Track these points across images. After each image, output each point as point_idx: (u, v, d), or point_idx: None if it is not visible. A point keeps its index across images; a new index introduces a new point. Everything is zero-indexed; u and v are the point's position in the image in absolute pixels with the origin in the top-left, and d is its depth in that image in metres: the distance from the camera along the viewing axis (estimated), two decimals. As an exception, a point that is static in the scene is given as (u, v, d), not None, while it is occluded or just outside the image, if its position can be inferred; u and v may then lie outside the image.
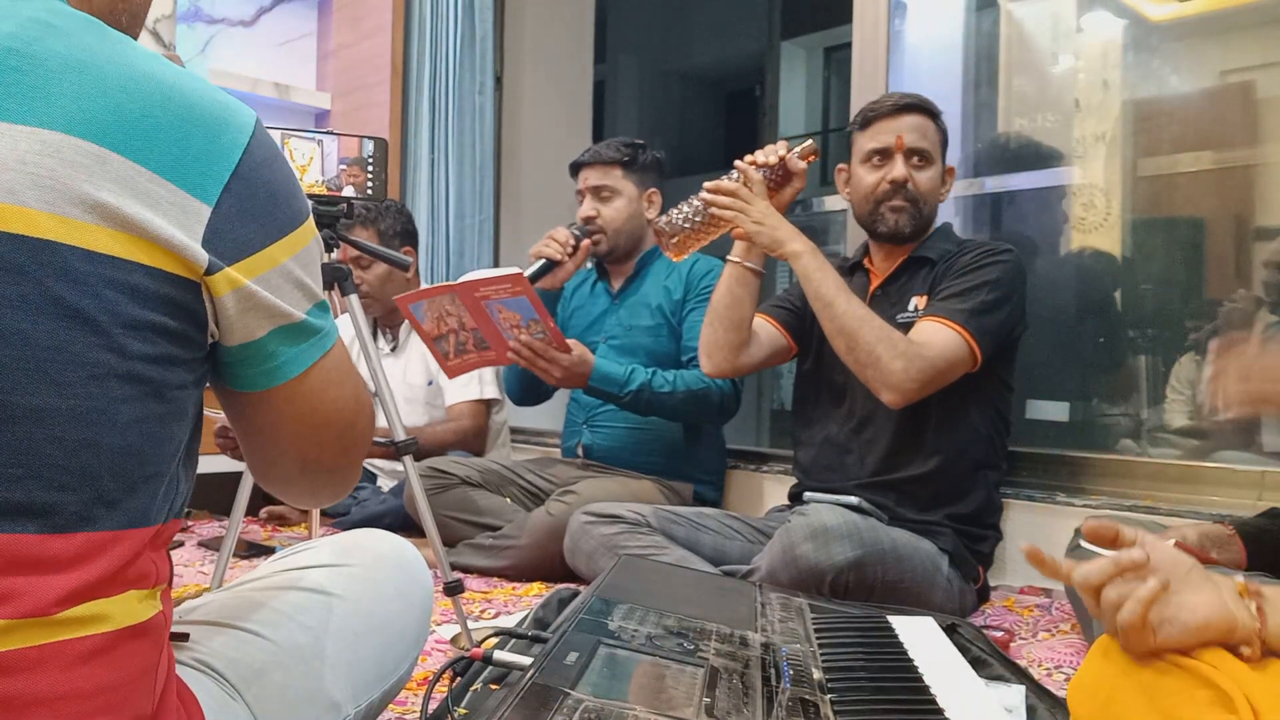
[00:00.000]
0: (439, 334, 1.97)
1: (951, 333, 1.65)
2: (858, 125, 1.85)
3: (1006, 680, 1.12)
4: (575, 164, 2.37)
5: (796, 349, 1.96)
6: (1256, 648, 0.76)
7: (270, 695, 0.77)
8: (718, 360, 1.87)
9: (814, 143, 1.77)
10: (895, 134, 1.78)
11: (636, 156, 2.32)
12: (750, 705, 0.85)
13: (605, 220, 2.30)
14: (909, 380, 1.61)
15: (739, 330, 1.84)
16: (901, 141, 1.78)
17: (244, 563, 2.11)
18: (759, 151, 1.74)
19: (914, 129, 1.79)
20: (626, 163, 2.31)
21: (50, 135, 0.57)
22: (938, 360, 1.63)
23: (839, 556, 1.55)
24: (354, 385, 0.76)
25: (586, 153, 2.36)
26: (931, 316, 1.68)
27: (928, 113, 1.81)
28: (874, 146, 1.81)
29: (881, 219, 1.81)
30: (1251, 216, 1.98)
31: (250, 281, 0.64)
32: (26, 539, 0.56)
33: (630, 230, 2.33)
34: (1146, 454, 2.04)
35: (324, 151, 1.59)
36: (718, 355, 1.87)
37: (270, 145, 0.68)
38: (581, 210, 2.33)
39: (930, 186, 1.81)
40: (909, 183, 1.78)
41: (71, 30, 0.61)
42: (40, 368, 0.56)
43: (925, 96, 1.84)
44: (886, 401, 1.65)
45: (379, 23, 3.21)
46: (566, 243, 2.13)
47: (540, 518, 2.08)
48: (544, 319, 1.93)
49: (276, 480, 0.79)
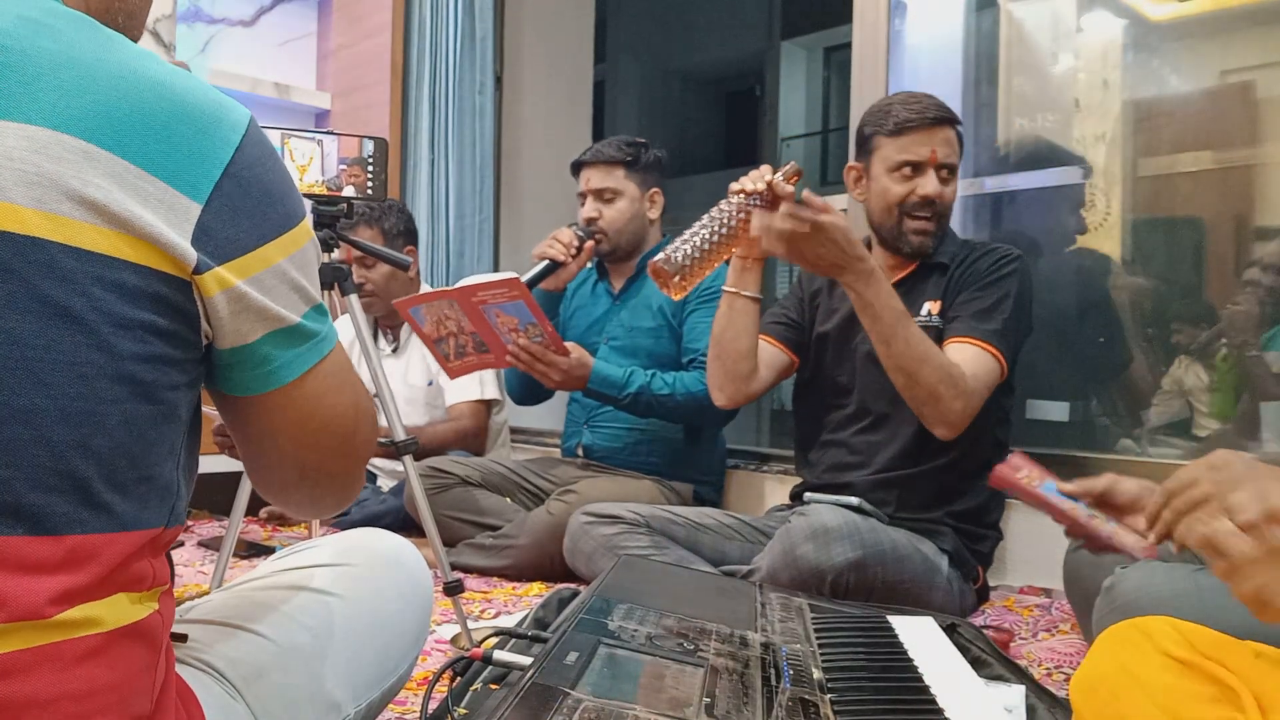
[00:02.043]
0: (439, 336, 1.97)
1: (989, 357, 1.66)
2: (887, 131, 1.77)
3: (1006, 680, 1.12)
4: (577, 163, 2.36)
5: (799, 362, 1.95)
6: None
7: (270, 695, 0.77)
8: (730, 393, 1.86)
9: (796, 163, 1.70)
10: (929, 147, 1.74)
11: (639, 156, 2.32)
12: (750, 705, 0.85)
13: (608, 222, 2.29)
14: (965, 418, 1.61)
15: (745, 360, 1.83)
16: (935, 156, 1.75)
17: (244, 563, 2.11)
18: (744, 180, 1.65)
19: (946, 143, 1.75)
20: (629, 163, 2.30)
21: (38, 132, 0.56)
22: (984, 390, 1.64)
23: (839, 557, 1.55)
24: (354, 392, 0.74)
25: (588, 152, 2.35)
26: (966, 339, 1.67)
27: (955, 124, 1.79)
28: (906, 159, 1.76)
29: (905, 239, 1.78)
30: (1251, 216, 1.98)
31: (241, 282, 0.63)
32: (15, 541, 0.55)
33: (633, 231, 2.32)
34: (1146, 454, 2.04)
35: (324, 151, 1.59)
36: (729, 388, 1.85)
37: (264, 144, 0.67)
38: (584, 211, 2.32)
39: (953, 200, 1.80)
40: (941, 195, 1.76)
41: (63, 28, 0.60)
42: (27, 367, 0.56)
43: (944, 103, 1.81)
44: (940, 435, 1.64)
45: (379, 23, 3.21)
46: (570, 244, 2.13)
47: (540, 518, 2.08)
48: (542, 323, 1.93)
49: (275, 489, 0.77)
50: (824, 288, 1.93)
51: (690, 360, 2.23)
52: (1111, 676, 0.87)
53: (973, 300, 1.71)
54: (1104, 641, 0.96)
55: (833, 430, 1.88)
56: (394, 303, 1.99)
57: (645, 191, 2.33)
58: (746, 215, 1.65)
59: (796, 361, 1.94)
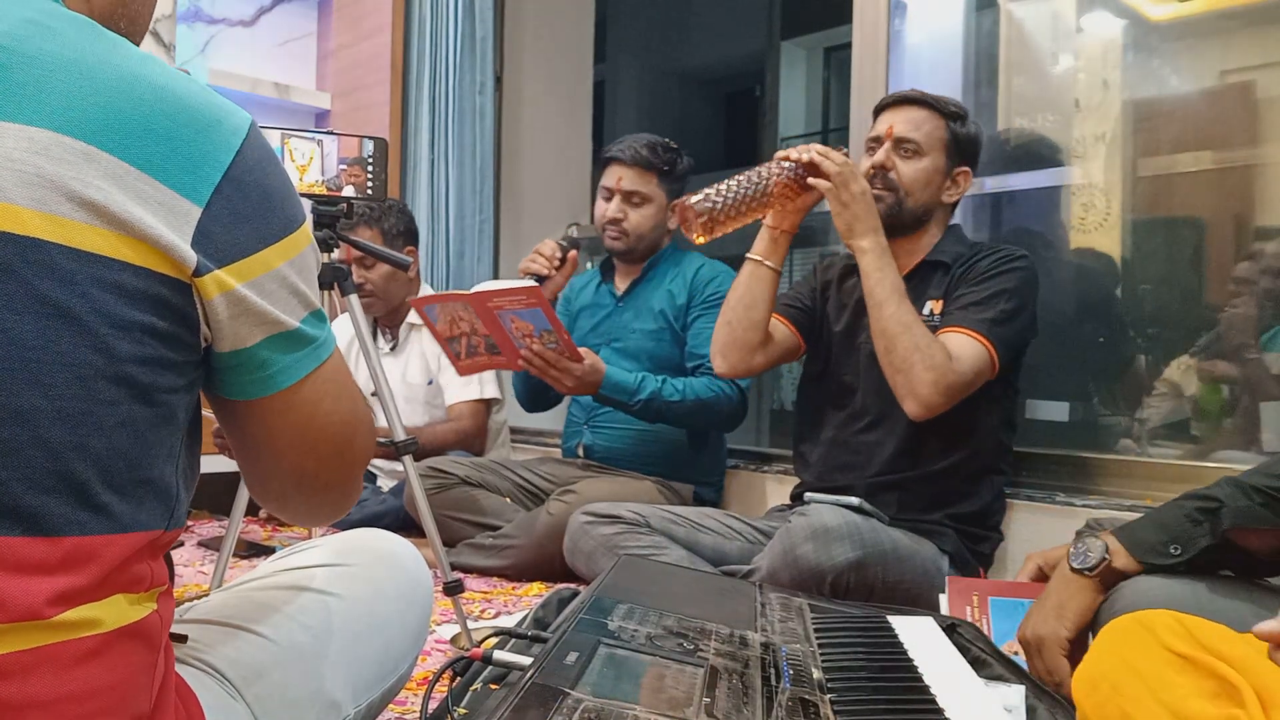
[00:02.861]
0: (452, 335, 1.97)
1: (977, 344, 1.65)
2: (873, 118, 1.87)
3: (1006, 680, 1.12)
4: (609, 157, 2.30)
5: (805, 348, 1.95)
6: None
7: (271, 695, 0.77)
8: (733, 360, 1.86)
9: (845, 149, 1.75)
10: (888, 123, 1.79)
11: (675, 165, 2.28)
12: (750, 705, 0.85)
13: (631, 225, 2.27)
14: (935, 394, 1.60)
15: (756, 330, 1.83)
16: (891, 130, 1.78)
17: (244, 563, 2.11)
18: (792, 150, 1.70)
19: (908, 120, 1.78)
20: (665, 171, 2.27)
21: (39, 133, 0.56)
22: (966, 374, 1.62)
23: (840, 557, 1.55)
24: (352, 398, 0.74)
25: (624, 148, 2.27)
26: (956, 327, 1.67)
27: (932, 108, 1.79)
28: (871, 134, 1.82)
29: None
30: (1251, 216, 1.98)
31: (241, 286, 0.63)
32: (12, 542, 0.55)
33: (653, 238, 2.31)
34: (1146, 454, 2.04)
35: (324, 151, 1.59)
36: (733, 355, 1.85)
37: (265, 149, 0.67)
38: (608, 210, 2.27)
39: (915, 177, 1.77)
40: (890, 171, 1.77)
41: (64, 31, 0.60)
42: (25, 367, 0.56)
43: (946, 97, 1.82)
44: (908, 411, 1.63)
45: (379, 23, 3.21)
46: (553, 256, 2.10)
47: (540, 518, 2.08)
48: (557, 330, 1.93)
49: (273, 497, 0.77)
50: (834, 280, 1.94)
51: (696, 366, 2.23)
52: (1114, 672, 0.87)
53: (968, 294, 1.71)
54: (1107, 635, 0.95)
55: (833, 429, 1.87)
56: (409, 300, 2.00)
57: (671, 201, 2.29)
58: (787, 180, 1.66)
59: (804, 347, 1.94)
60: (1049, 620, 1.17)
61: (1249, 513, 1.08)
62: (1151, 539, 1.16)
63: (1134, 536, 1.17)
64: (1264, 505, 1.08)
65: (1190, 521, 1.13)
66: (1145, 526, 1.18)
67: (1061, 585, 1.19)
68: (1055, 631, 1.16)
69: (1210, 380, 1.97)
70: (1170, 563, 1.13)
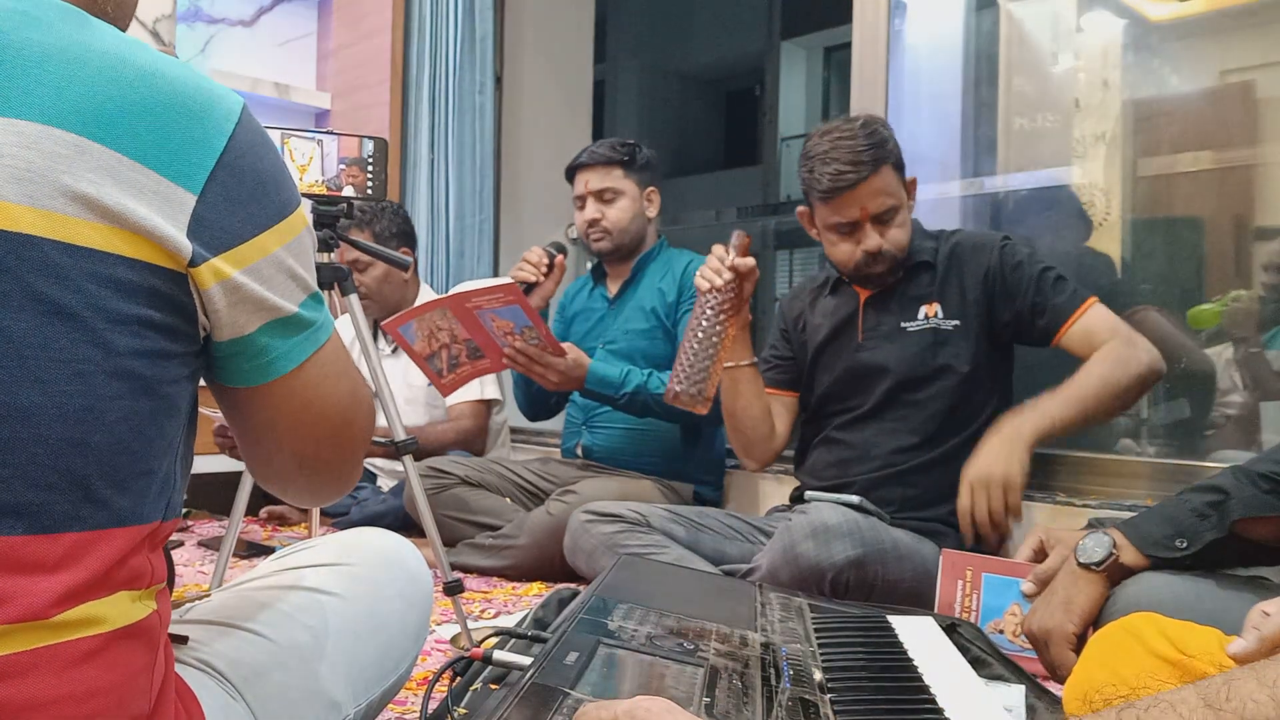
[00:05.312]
0: (430, 352, 1.97)
1: (1099, 308, 1.69)
2: (817, 195, 1.73)
3: (1006, 680, 1.12)
4: (572, 167, 2.36)
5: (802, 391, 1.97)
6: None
7: (271, 695, 0.77)
8: (758, 456, 1.90)
9: (742, 232, 1.70)
10: (858, 206, 1.70)
11: (634, 155, 2.32)
12: (750, 705, 0.85)
13: (611, 222, 2.30)
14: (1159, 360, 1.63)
15: (763, 422, 1.87)
16: (866, 212, 1.71)
17: (244, 563, 2.11)
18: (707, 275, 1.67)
19: (876, 193, 1.69)
20: (626, 162, 2.31)
21: (28, 126, 0.56)
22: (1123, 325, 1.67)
23: (839, 555, 1.55)
24: (351, 380, 0.74)
25: (583, 154, 2.35)
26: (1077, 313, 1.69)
27: (879, 157, 1.68)
28: (839, 220, 1.73)
29: (869, 283, 1.81)
30: (1251, 216, 1.98)
31: (238, 273, 0.63)
32: (13, 540, 0.55)
33: (635, 230, 2.33)
34: (1146, 454, 2.04)
35: (324, 151, 1.59)
36: (756, 452, 1.90)
37: (258, 132, 0.66)
38: (585, 214, 2.32)
39: (904, 233, 1.76)
40: (883, 247, 1.73)
41: (51, 20, 0.59)
42: (23, 365, 0.55)
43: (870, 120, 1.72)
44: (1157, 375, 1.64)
45: (379, 23, 3.21)
46: (540, 263, 2.10)
47: (540, 517, 2.08)
48: (537, 325, 1.94)
49: (275, 478, 0.77)
50: (805, 307, 1.95)
51: None
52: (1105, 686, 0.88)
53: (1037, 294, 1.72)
54: (1095, 646, 0.97)
55: (833, 430, 1.88)
56: (382, 325, 1.99)
57: (643, 190, 2.34)
58: (727, 312, 1.67)
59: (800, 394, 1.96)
60: (1056, 615, 1.18)
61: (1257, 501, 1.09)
62: (1157, 533, 1.16)
63: (1140, 531, 1.18)
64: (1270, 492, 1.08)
65: (1197, 516, 1.14)
66: (1151, 521, 1.19)
67: (1069, 580, 1.20)
68: (1062, 626, 1.17)
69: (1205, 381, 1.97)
70: (1176, 556, 1.14)
